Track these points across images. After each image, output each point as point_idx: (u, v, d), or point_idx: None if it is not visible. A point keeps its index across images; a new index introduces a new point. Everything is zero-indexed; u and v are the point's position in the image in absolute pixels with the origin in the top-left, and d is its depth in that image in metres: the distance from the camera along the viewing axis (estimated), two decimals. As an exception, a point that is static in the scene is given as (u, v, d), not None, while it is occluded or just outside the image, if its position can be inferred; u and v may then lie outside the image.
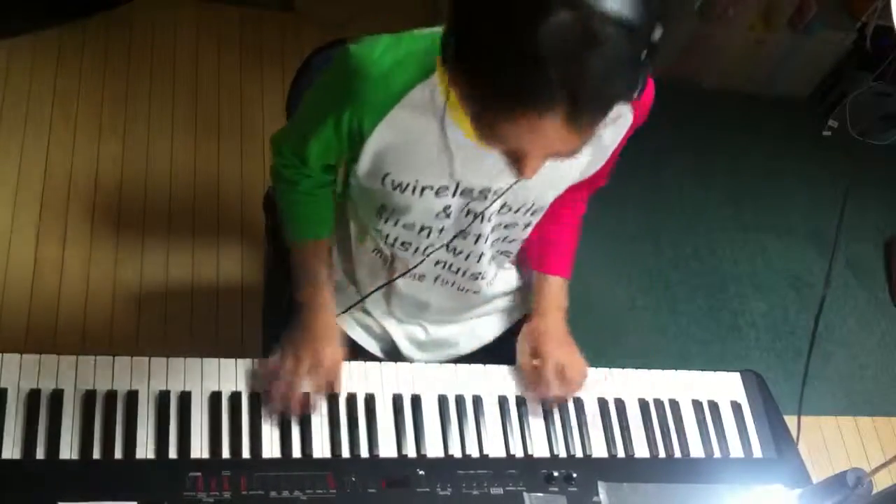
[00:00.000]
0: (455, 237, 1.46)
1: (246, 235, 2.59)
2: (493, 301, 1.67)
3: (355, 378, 1.47)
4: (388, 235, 1.46)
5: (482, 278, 1.56)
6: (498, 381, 1.54)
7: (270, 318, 1.83)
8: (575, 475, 1.43)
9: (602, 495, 1.43)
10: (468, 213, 1.41)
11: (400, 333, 1.66)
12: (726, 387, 1.64)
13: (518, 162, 1.13)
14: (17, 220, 2.47)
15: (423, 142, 1.31)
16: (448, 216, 1.41)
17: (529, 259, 1.65)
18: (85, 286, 2.41)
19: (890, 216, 3.31)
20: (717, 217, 3.13)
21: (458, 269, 1.53)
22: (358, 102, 1.28)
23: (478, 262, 1.51)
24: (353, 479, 1.35)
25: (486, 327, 1.71)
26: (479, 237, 1.45)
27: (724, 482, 1.51)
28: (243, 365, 1.44)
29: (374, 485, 1.36)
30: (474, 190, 1.37)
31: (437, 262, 1.51)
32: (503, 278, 1.64)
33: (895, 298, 3.14)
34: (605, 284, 2.86)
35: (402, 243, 1.47)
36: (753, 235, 3.13)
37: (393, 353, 1.67)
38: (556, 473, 1.43)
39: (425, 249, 1.48)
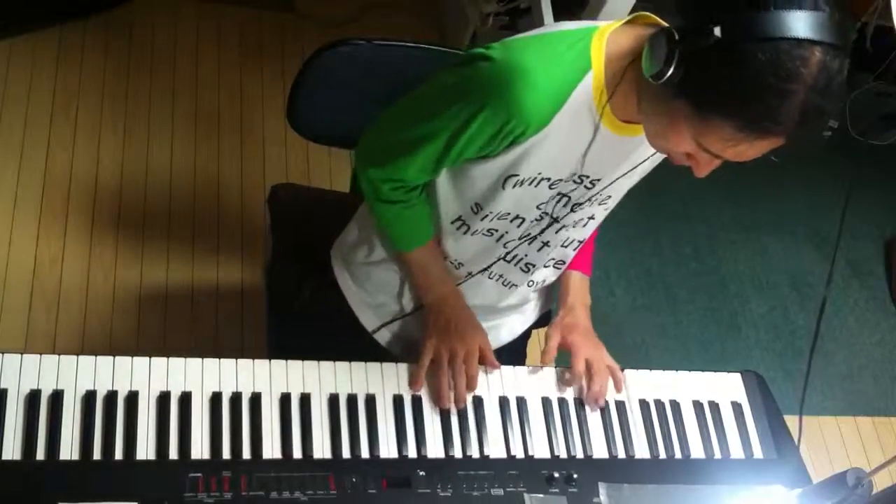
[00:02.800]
0: (548, 227, 1.48)
1: (246, 235, 2.59)
2: (522, 301, 1.70)
3: (356, 378, 1.47)
4: (475, 229, 1.48)
5: (533, 270, 1.59)
6: (498, 381, 1.53)
7: (275, 316, 1.83)
8: (576, 476, 1.43)
9: (602, 496, 1.43)
10: (568, 202, 1.44)
11: (416, 334, 1.65)
12: (727, 387, 1.64)
13: (701, 163, 1.23)
14: (17, 220, 2.47)
15: (571, 141, 1.33)
16: (548, 205, 1.44)
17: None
18: (85, 286, 2.41)
19: (890, 216, 3.31)
20: (717, 217, 3.13)
21: (518, 259, 1.55)
22: (524, 114, 1.26)
23: (539, 251, 1.54)
24: (354, 479, 1.35)
25: (505, 329, 1.73)
26: (562, 228, 1.49)
27: (725, 483, 1.51)
28: (244, 365, 1.43)
29: (375, 485, 1.36)
30: (589, 178, 1.41)
31: (508, 255, 1.54)
32: (544, 276, 1.66)
33: (895, 298, 3.14)
34: (606, 284, 2.86)
35: (489, 231, 1.49)
36: (753, 235, 3.13)
37: (412, 352, 1.63)
38: (556, 474, 1.43)
39: (509, 241, 1.50)
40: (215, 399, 1.39)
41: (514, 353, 1.77)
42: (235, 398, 1.40)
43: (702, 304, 2.92)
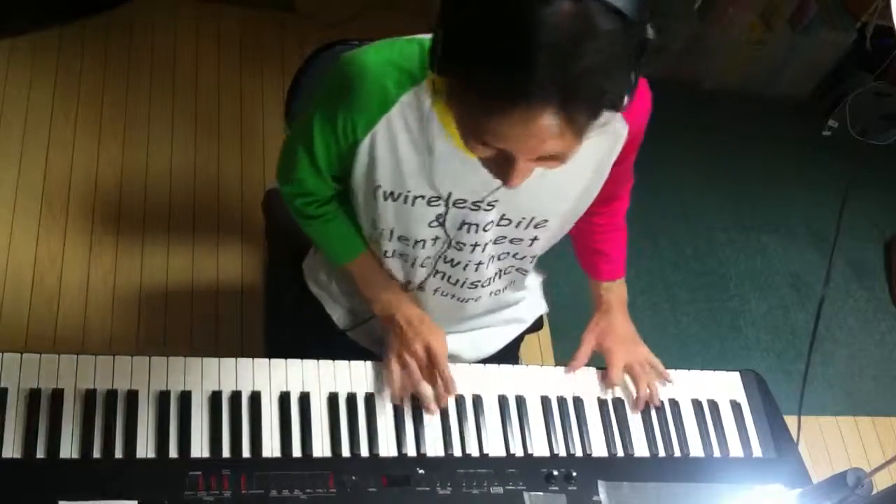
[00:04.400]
0: (450, 247, 1.44)
1: (246, 235, 2.59)
2: (498, 312, 1.66)
3: (356, 378, 1.47)
4: (385, 250, 1.46)
5: (483, 286, 1.54)
6: (498, 380, 1.54)
7: (271, 317, 1.83)
8: (575, 474, 1.43)
9: (602, 494, 1.43)
10: (463, 223, 1.39)
11: None
12: (726, 386, 1.64)
13: (505, 168, 1.11)
14: (17, 221, 2.47)
15: (412, 151, 1.30)
16: (442, 225, 1.40)
17: (583, 266, 1.68)
18: (85, 286, 2.41)
19: (890, 216, 3.31)
20: (717, 217, 3.13)
21: (457, 281, 1.51)
22: (352, 106, 1.27)
23: (476, 270, 1.49)
24: (354, 478, 1.35)
25: (488, 340, 1.71)
26: (475, 246, 1.44)
27: (724, 482, 1.51)
28: (243, 364, 1.44)
29: (375, 484, 1.36)
30: (467, 200, 1.36)
31: (436, 273, 1.51)
32: (511, 291, 1.62)
33: (895, 298, 3.14)
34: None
35: (400, 255, 1.47)
36: (753, 235, 3.13)
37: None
38: (556, 472, 1.43)
39: (423, 262, 1.47)
40: (215, 398, 1.39)
41: (504, 360, 1.73)
42: (235, 397, 1.40)
43: (702, 304, 2.92)
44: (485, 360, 1.68)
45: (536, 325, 1.79)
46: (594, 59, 0.96)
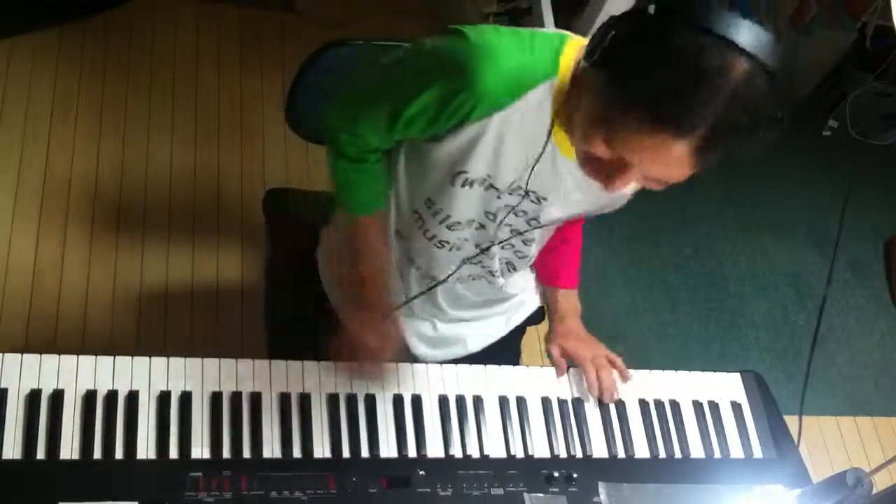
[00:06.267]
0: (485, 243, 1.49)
1: (246, 235, 2.59)
2: (509, 299, 1.70)
3: (356, 378, 1.47)
4: (427, 230, 1.47)
5: (500, 276, 1.60)
6: (498, 381, 1.54)
7: (271, 317, 1.83)
8: (575, 475, 1.43)
9: (602, 496, 1.43)
10: (521, 214, 1.43)
11: (410, 329, 1.66)
12: (726, 387, 1.64)
13: (614, 173, 1.16)
14: (17, 221, 2.47)
15: (519, 145, 1.30)
16: (494, 218, 1.43)
17: (541, 275, 1.73)
18: (85, 286, 2.41)
19: (890, 216, 3.31)
20: (717, 217, 3.13)
21: (486, 267, 1.56)
22: (478, 89, 1.23)
23: (491, 260, 1.55)
24: (354, 479, 1.35)
25: (494, 326, 1.74)
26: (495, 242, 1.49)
27: (725, 482, 1.51)
28: (244, 365, 1.43)
29: (375, 485, 1.36)
30: (536, 193, 1.38)
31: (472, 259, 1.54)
32: (515, 280, 1.66)
33: (895, 298, 3.14)
34: (605, 285, 2.86)
35: (440, 241, 1.48)
36: (753, 235, 3.13)
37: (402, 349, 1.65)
38: (556, 474, 1.43)
39: (459, 248, 1.49)
40: (215, 399, 1.39)
41: (506, 350, 1.77)
42: (235, 398, 1.40)
43: (702, 304, 2.93)
44: (487, 356, 1.69)
45: (537, 317, 1.80)
46: (747, 114, 1.05)
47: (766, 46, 1.04)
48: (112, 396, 1.34)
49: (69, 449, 1.29)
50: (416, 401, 1.47)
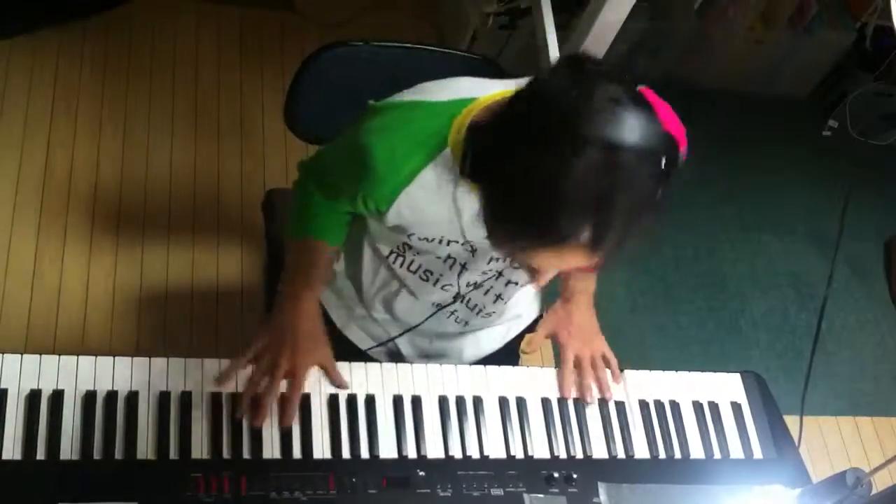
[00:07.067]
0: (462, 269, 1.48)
1: (246, 235, 2.59)
2: (499, 316, 1.69)
3: (356, 379, 1.47)
4: (411, 263, 1.48)
5: (502, 300, 1.59)
6: (498, 381, 1.53)
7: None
8: (575, 476, 1.43)
9: (602, 496, 1.43)
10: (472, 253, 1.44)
11: (405, 341, 1.66)
12: (726, 387, 1.64)
13: (532, 272, 1.20)
14: (17, 220, 2.47)
15: (440, 212, 1.30)
16: (472, 253, 1.43)
17: None
18: (85, 286, 2.41)
19: (890, 216, 3.31)
20: (717, 217, 3.13)
21: (488, 290, 1.55)
22: (371, 185, 1.27)
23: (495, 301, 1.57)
24: (354, 479, 1.35)
25: (490, 339, 1.72)
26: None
27: (725, 483, 1.51)
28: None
29: (375, 485, 1.36)
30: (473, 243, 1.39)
31: (468, 284, 1.53)
32: (517, 300, 1.65)
33: (895, 298, 3.14)
34: (605, 285, 2.84)
35: (425, 271, 1.49)
36: (753, 235, 3.13)
37: (396, 360, 1.67)
38: (556, 474, 1.43)
39: (445, 283, 1.50)
40: (215, 399, 1.39)
41: (506, 355, 1.76)
42: (235, 398, 1.39)
43: (702, 304, 2.92)
44: (486, 360, 1.68)
45: (535, 324, 1.79)
46: (621, 202, 1.00)
47: (617, 122, 0.99)
48: (112, 397, 1.35)
49: (69, 449, 1.29)
50: (416, 401, 1.47)
